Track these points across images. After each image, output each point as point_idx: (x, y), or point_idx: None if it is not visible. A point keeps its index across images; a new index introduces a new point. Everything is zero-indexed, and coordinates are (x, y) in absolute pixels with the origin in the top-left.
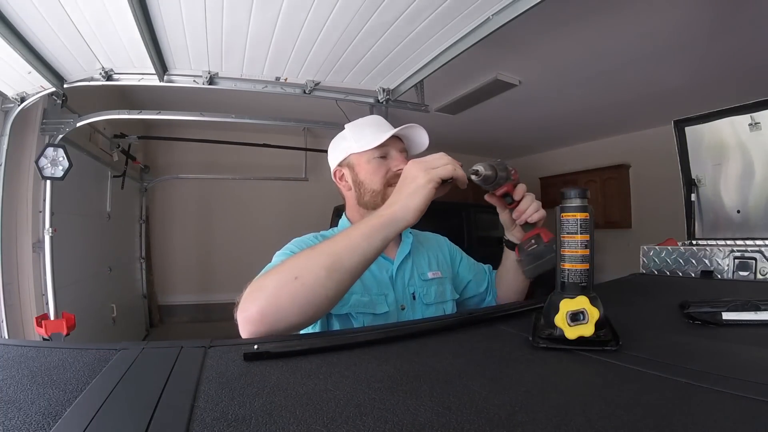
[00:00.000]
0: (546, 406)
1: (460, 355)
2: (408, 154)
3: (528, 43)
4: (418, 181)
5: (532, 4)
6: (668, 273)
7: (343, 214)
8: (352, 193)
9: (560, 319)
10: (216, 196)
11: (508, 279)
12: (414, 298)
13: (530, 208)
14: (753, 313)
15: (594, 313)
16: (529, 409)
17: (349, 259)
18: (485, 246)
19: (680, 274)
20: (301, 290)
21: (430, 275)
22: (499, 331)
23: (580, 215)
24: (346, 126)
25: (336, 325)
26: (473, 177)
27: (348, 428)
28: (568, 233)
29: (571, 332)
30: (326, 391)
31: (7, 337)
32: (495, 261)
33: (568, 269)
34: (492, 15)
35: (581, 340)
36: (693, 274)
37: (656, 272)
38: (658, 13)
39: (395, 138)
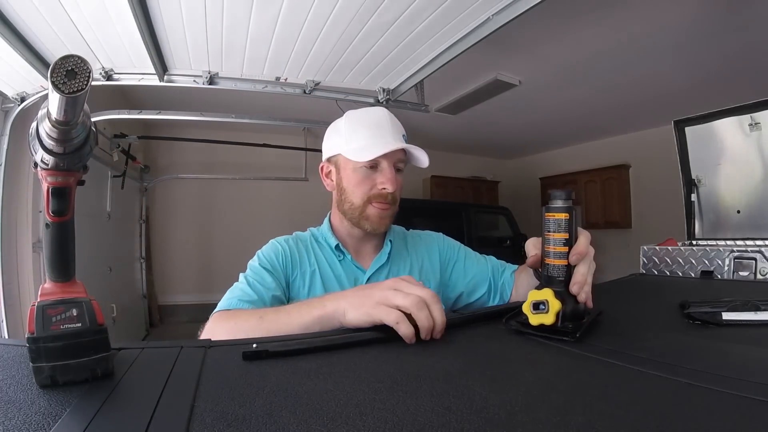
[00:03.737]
0: (546, 406)
1: (460, 355)
2: (405, 165)
3: (528, 43)
4: (384, 316)
5: (532, 4)
6: (668, 273)
7: (329, 213)
8: (336, 193)
9: (526, 307)
10: (216, 196)
11: None
12: None
13: None
14: (753, 313)
15: (555, 305)
16: (529, 409)
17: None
18: (486, 246)
19: (680, 274)
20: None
21: None
22: (499, 331)
23: (561, 215)
24: (345, 114)
25: None
26: None
27: (348, 428)
28: (548, 231)
29: (534, 319)
30: (326, 391)
31: (7, 337)
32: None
33: (550, 264)
34: (492, 15)
35: (542, 328)
36: (693, 274)
37: (656, 272)
38: (659, 13)
39: None
